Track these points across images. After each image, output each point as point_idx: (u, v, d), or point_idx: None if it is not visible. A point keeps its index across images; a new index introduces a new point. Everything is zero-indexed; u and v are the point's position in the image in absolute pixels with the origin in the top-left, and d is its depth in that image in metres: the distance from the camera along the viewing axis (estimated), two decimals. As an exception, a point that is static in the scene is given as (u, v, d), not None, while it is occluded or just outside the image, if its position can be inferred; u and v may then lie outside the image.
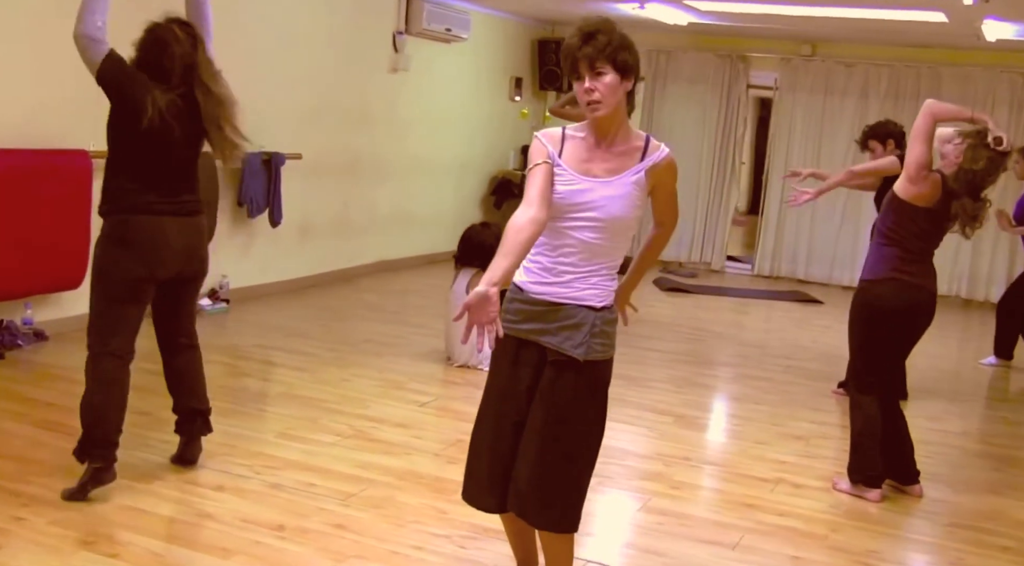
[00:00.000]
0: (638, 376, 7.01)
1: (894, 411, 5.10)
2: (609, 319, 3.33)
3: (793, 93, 11.75)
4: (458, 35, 10.34)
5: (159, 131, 4.03)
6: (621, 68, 3.17)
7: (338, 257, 9.56)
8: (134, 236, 4.14)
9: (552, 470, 3.30)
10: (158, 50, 4.13)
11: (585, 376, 3.29)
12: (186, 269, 4.34)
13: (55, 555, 3.72)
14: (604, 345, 3.32)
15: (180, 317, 4.53)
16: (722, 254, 12.28)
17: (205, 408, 4.62)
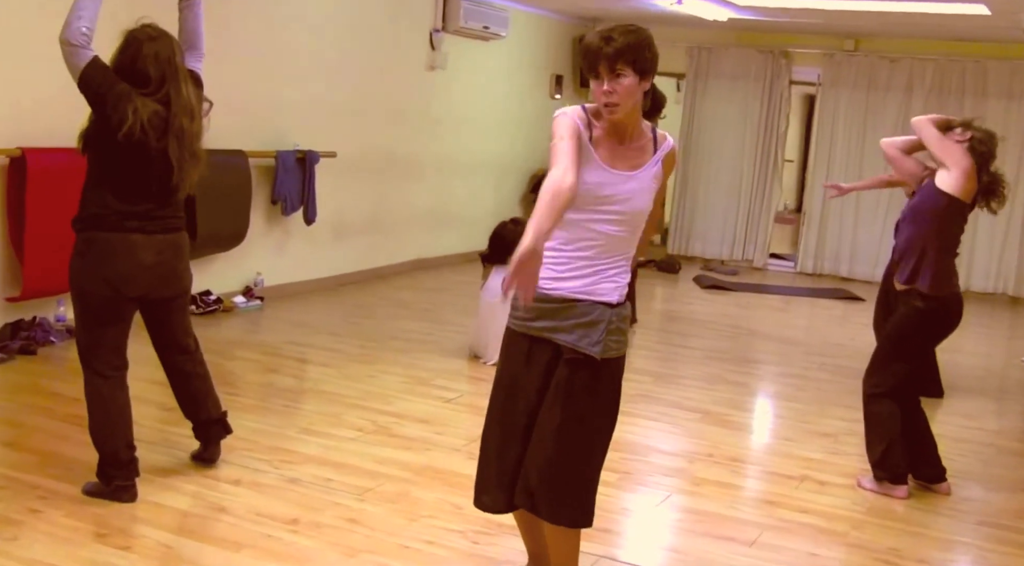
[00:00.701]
0: (669, 373, 6.96)
1: (915, 409, 5.00)
2: (624, 315, 3.29)
3: (836, 89, 11.60)
4: (496, 33, 10.33)
5: (137, 143, 3.95)
6: (641, 69, 3.11)
7: (374, 255, 9.59)
8: (98, 254, 4.05)
9: (568, 468, 3.26)
10: (132, 51, 4.04)
11: (601, 374, 3.24)
12: (161, 288, 4.23)
13: (68, 546, 3.76)
14: (619, 342, 3.27)
15: (170, 333, 4.41)
16: (764, 252, 12.15)
17: (216, 415, 4.59)
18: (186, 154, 4.07)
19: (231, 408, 5.38)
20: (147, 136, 3.96)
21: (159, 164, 4.04)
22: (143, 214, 4.06)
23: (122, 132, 3.91)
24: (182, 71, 4.10)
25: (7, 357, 6.02)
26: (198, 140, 4.15)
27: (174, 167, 4.06)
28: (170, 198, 4.16)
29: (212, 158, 7.21)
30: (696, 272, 11.44)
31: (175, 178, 4.09)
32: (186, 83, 4.10)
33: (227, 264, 7.88)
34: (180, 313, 4.42)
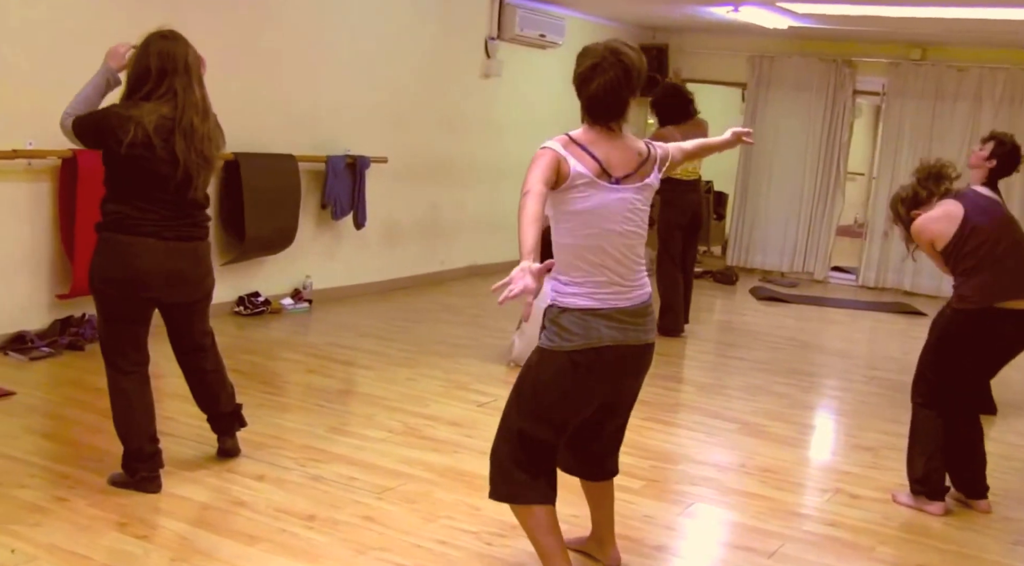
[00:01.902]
0: (712, 383, 6.89)
1: (971, 423, 4.87)
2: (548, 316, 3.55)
3: (902, 99, 11.40)
4: (553, 41, 10.32)
5: (143, 151, 3.99)
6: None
7: (427, 261, 9.64)
8: (112, 255, 4.12)
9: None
10: (143, 49, 4.09)
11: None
12: (176, 294, 4.28)
13: (88, 535, 3.83)
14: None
15: (187, 334, 4.47)
16: (825, 264, 11.97)
17: (229, 409, 4.65)
18: (193, 154, 4.07)
19: (268, 407, 5.49)
20: (152, 142, 3.99)
21: (168, 167, 4.05)
22: (159, 220, 4.10)
23: (123, 146, 3.97)
24: (194, 71, 4.12)
25: (55, 352, 6.15)
26: (209, 142, 4.14)
27: (181, 166, 4.06)
28: (186, 203, 4.16)
29: (262, 162, 7.47)
30: (754, 284, 11.31)
31: (181, 175, 4.07)
32: (199, 85, 4.13)
33: (277, 267, 7.98)
34: (198, 316, 4.47)
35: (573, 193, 3.35)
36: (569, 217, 3.39)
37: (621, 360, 3.50)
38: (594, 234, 3.38)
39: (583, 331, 3.40)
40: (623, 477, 4.78)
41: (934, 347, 4.81)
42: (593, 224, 3.38)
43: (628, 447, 5.19)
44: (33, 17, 6.10)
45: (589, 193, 3.35)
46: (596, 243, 3.39)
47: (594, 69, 3.39)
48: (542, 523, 3.53)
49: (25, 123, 6.05)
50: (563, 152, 3.35)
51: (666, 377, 7.01)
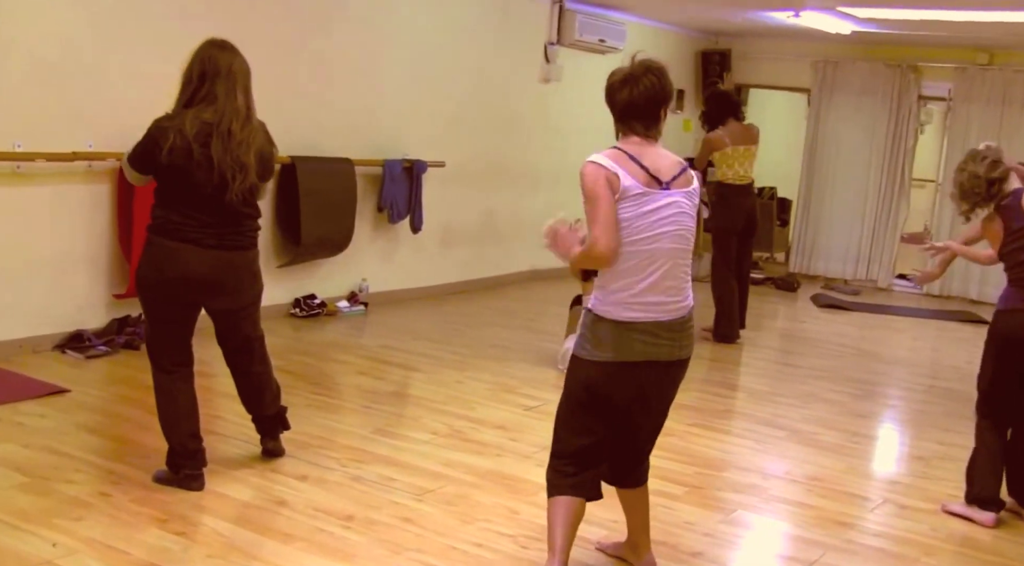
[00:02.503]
0: (764, 390, 6.82)
1: None
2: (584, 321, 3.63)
3: (968, 104, 11.20)
4: (613, 46, 10.29)
5: (182, 155, 4.05)
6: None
7: (484, 265, 9.66)
8: (154, 258, 4.19)
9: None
10: (194, 55, 4.16)
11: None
12: (217, 301, 4.32)
13: (127, 530, 3.89)
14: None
15: (232, 338, 4.51)
16: (890, 272, 11.79)
17: (272, 411, 4.68)
18: (229, 158, 4.08)
19: (316, 407, 5.54)
20: (191, 147, 4.04)
21: (205, 172, 4.08)
22: (200, 227, 4.14)
23: (163, 154, 4.05)
24: (239, 79, 4.15)
25: (112, 351, 6.26)
26: (248, 148, 4.14)
27: (216, 170, 4.08)
28: (229, 210, 4.17)
29: (318, 165, 7.55)
30: (816, 291, 11.17)
31: (216, 179, 4.09)
32: (243, 94, 4.16)
33: (333, 269, 8.04)
34: (246, 321, 4.50)
35: (624, 204, 3.36)
36: (624, 223, 3.38)
37: (650, 375, 3.53)
38: (644, 239, 3.39)
39: (615, 345, 3.44)
40: (665, 483, 4.80)
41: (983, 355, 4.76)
42: (643, 230, 3.38)
43: (673, 453, 5.22)
44: (93, 22, 6.22)
45: (641, 202, 3.37)
46: (646, 248, 3.39)
47: (628, 79, 3.45)
48: (558, 514, 3.57)
49: (84, 126, 6.18)
50: (613, 166, 3.37)
51: (718, 383, 6.96)
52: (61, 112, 6.11)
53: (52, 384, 5.53)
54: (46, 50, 6.00)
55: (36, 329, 6.16)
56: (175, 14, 6.57)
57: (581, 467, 3.59)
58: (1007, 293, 4.72)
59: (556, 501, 3.59)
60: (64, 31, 6.09)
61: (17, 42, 5.87)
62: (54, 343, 6.23)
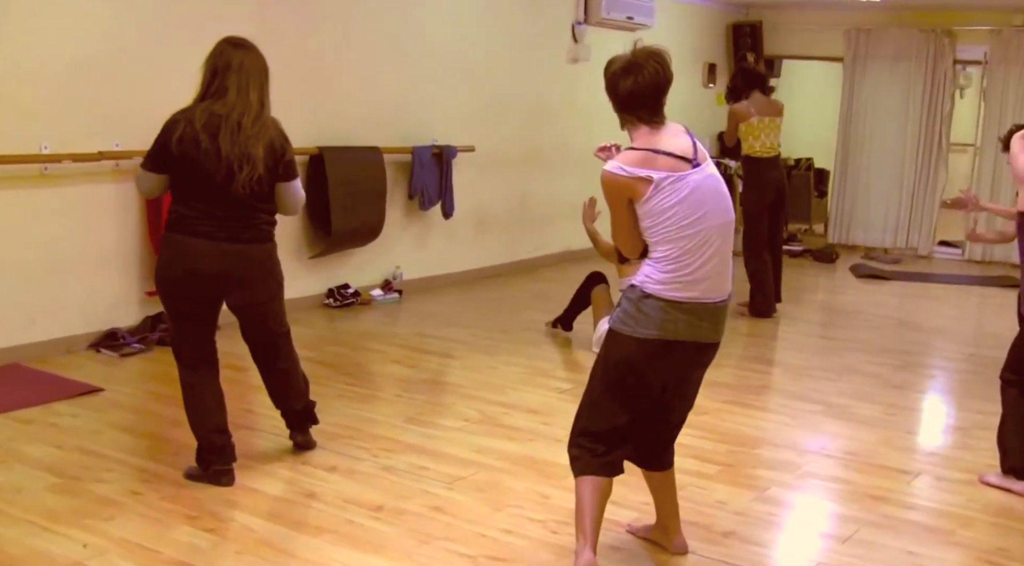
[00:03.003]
0: (800, 364, 6.75)
1: None
2: (625, 295, 3.60)
3: (1005, 66, 10.99)
4: (642, 23, 10.20)
5: (190, 146, 4.06)
6: (616, 108, 3.53)
7: (518, 248, 9.64)
8: (168, 253, 4.21)
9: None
10: (211, 52, 4.18)
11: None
12: (232, 296, 4.33)
13: (157, 527, 3.92)
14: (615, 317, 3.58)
15: (254, 334, 4.52)
16: (930, 239, 11.64)
17: (299, 407, 4.69)
18: (237, 150, 4.07)
19: (347, 397, 5.56)
20: (199, 138, 4.05)
21: (213, 163, 4.08)
22: (212, 220, 4.15)
23: (173, 144, 4.08)
24: (253, 76, 4.15)
25: (145, 348, 6.32)
26: (256, 141, 4.12)
27: (223, 161, 4.08)
28: (241, 204, 4.17)
29: (347, 155, 7.55)
30: (855, 262, 11.04)
31: (224, 171, 4.08)
32: (256, 90, 4.15)
33: (366, 258, 8.06)
34: (268, 317, 4.49)
35: (661, 196, 3.33)
36: (666, 214, 3.35)
37: (688, 355, 3.52)
38: (693, 221, 3.36)
39: (660, 322, 3.41)
40: (698, 462, 4.78)
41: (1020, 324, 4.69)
42: (690, 212, 3.36)
43: (706, 431, 5.19)
44: (119, 20, 6.26)
45: (677, 188, 3.34)
46: (697, 230, 3.37)
47: (631, 67, 3.42)
48: (589, 495, 3.54)
49: (111, 125, 6.22)
50: (634, 171, 3.34)
51: (753, 359, 6.90)
52: (87, 112, 6.15)
53: (86, 383, 5.59)
54: (69, 51, 6.04)
55: (70, 329, 6.23)
56: (200, 11, 6.59)
57: (612, 446, 3.57)
58: None
59: (586, 481, 3.55)
60: (87, 32, 6.13)
61: (40, 44, 5.91)
62: (88, 342, 6.30)
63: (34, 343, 6.04)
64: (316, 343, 6.75)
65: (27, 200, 5.96)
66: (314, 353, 6.46)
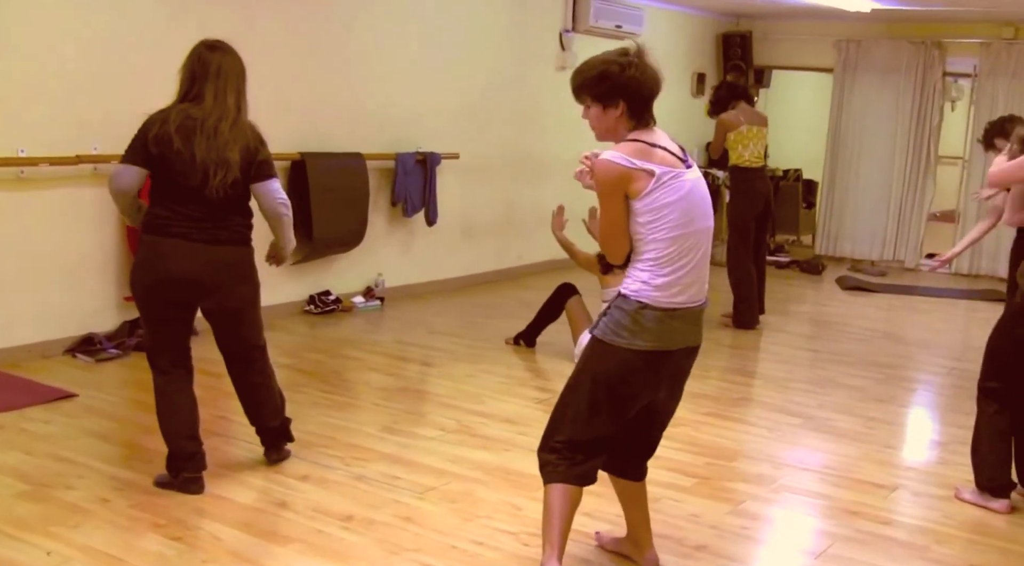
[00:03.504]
0: (781, 376, 6.72)
1: None
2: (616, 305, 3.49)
3: (994, 79, 10.99)
4: (630, 31, 10.17)
5: (165, 147, 4.05)
6: (597, 97, 3.37)
7: (504, 256, 9.60)
8: (144, 256, 4.19)
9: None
10: (188, 56, 4.16)
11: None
12: (206, 299, 4.29)
13: (125, 535, 3.88)
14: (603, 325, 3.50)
15: (228, 343, 4.47)
16: (917, 251, 11.61)
17: (274, 424, 4.63)
18: (213, 154, 4.05)
19: (323, 405, 5.52)
20: (172, 139, 4.03)
21: (187, 165, 4.06)
22: (188, 222, 4.12)
23: (150, 141, 4.06)
24: (231, 81, 4.13)
25: (122, 353, 6.28)
26: (234, 145, 4.10)
27: (198, 164, 4.06)
28: (216, 206, 4.14)
29: (329, 161, 7.52)
30: (840, 272, 11.03)
31: (199, 174, 4.07)
32: (233, 94, 4.13)
33: (348, 265, 8.02)
34: (242, 326, 4.44)
35: (661, 192, 3.28)
36: (664, 212, 3.30)
37: (680, 361, 3.50)
38: (687, 221, 3.33)
39: (658, 333, 3.36)
40: (674, 474, 4.75)
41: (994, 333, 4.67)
42: (686, 212, 3.33)
43: (684, 443, 5.16)
44: (98, 24, 6.22)
45: (676, 186, 3.30)
46: (691, 231, 3.34)
47: (629, 67, 3.36)
48: (561, 504, 3.47)
49: (89, 129, 6.17)
50: (637, 163, 3.29)
51: (735, 370, 6.88)
52: (64, 116, 6.11)
53: (60, 389, 5.54)
54: (47, 54, 6.00)
55: (47, 333, 6.18)
56: (181, 15, 6.55)
57: (590, 455, 3.51)
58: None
59: (557, 489, 3.48)
60: (65, 35, 6.09)
61: (18, 47, 5.87)
62: (65, 347, 6.25)
63: (9, 348, 5.99)
64: (295, 350, 6.71)
65: (3, 204, 5.92)
66: (292, 360, 6.42)
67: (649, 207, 3.28)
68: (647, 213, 3.30)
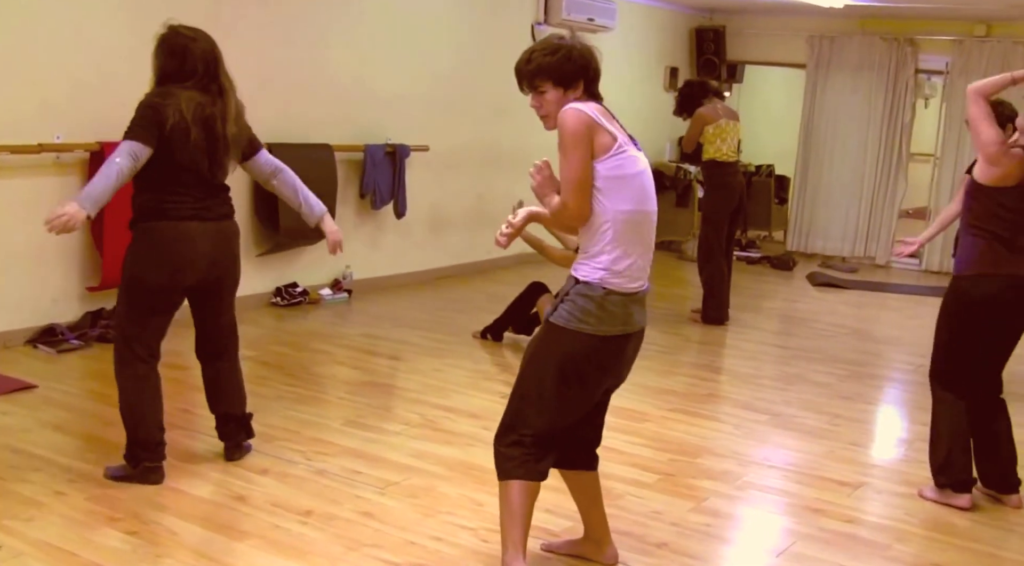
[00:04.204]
0: (748, 372, 6.71)
1: (992, 412, 4.66)
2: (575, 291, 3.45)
3: (966, 77, 10.95)
4: (603, 25, 10.15)
5: (181, 135, 4.07)
6: (560, 80, 3.32)
7: (474, 249, 9.55)
8: (158, 242, 4.15)
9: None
10: (180, 53, 4.14)
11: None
12: (214, 276, 4.32)
13: (79, 530, 3.82)
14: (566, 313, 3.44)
15: (211, 326, 4.48)
16: (888, 249, 11.64)
17: (240, 413, 4.59)
18: (223, 144, 4.19)
19: (286, 399, 5.48)
20: (189, 129, 4.07)
21: (200, 151, 4.13)
22: (196, 204, 4.18)
23: (167, 127, 4.05)
24: (221, 65, 4.22)
25: (85, 344, 6.20)
26: (239, 133, 4.27)
27: (208, 154, 4.16)
28: (216, 186, 4.26)
29: (296, 152, 7.43)
30: (810, 268, 11.04)
31: (211, 158, 4.19)
32: (225, 75, 4.22)
33: (316, 257, 7.95)
34: (222, 307, 4.46)
35: (623, 159, 3.28)
36: (623, 184, 3.29)
37: (636, 343, 3.50)
38: (644, 199, 3.34)
39: (624, 317, 3.36)
40: (636, 470, 4.73)
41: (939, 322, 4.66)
42: (643, 189, 3.34)
43: (647, 439, 5.15)
44: (61, 11, 6.13)
45: (634, 160, 3.32)
46: (644, 210, 3.34)
47: (579, 48, 3.37)
48: (523, 502, 3.43)
49: (52, 118, 6.10)
50: (604, 122, 3.29)
51: (702, 366, 6.87)
52: (27, 104, 6.02)
53: (19, 380, 5.47)
54: (10, 42, 5.91)
55: (7, 324, 6.10)
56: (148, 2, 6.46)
57: (551, 449, 3.48)
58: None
59: (519, 486, 3.42)
60: (27, 22, 6.00)
61: (-21, 33, 5.79)
62: (26, 338, 6.17)
63: (-31, 337, 5.92)
64: (259, 342, 6.65)
65: (-36, 191, 5.84)
66: (257, 352, 6.37)
67: (610, 172, 3.26)
68: (607, 180, 3.26)
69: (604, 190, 3.27)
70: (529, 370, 3.46)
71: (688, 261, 10.75)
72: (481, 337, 7.03)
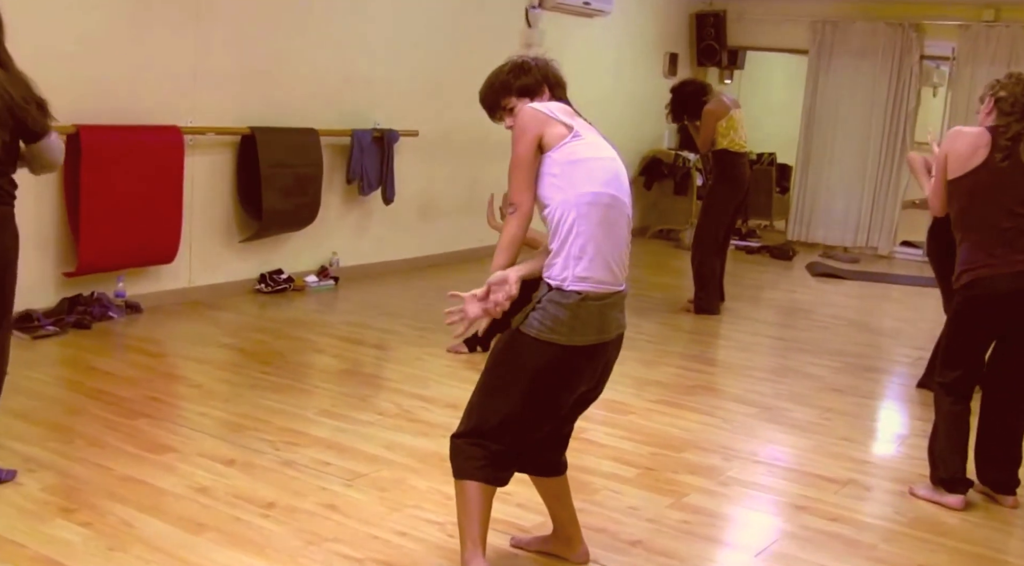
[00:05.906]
0: (741, 364, 6.55)
1: (1001, 408, 4.48)
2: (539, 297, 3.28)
3: (973, 64, 10.79)
4: (599, 9, 9.97)
5: None
6: (523, 91, 3.38)
7: (465, 236, 9.35)
8: None
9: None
10: None
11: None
12: None
13: (31, 521, 3.68)
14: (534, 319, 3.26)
15: None
16: (891, 239, 11.45)
17: None
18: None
19: (260, 387, 5.34)
20: None
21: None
22: None
23: None
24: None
25: (60, 331, 6.05)
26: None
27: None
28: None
29: (281, 137, 7.29)
30: (811, 258, 10.85)
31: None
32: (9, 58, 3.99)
33: (302, 243, 7.80)
34: (6, 289, 4.20)
35: (578, 142, 3.19)
36: (578, 167, 3.17)
37: (614, 348, 3.34)
38: (606, 181, 3.19)
39: (600, 325, 3.19)
40: (616, 464, 4.58)
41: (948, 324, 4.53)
42: (605, 170, 3.21)
43: (629, 431, 4.99)
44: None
45: (595, 142, 3.24)
46: (607, 192, 3.18)
47: (535, 59, 3.46)
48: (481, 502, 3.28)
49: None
50: (560, 116, 3.23)
51: (692, 357, 6.69)
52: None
53: (-13, 366, 5.32)
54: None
55: (-20, 309, 5.95)
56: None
57: (513, 460, 3.35)
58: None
59: (479, 487, 3.28)
60: None
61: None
62: None
63: (-61, 322, 5.76)
64: (238, 330, 6.51)
65: (-66, 172, 5.68)
66: (234, 340, 6.23)
67: (564, 158, 3.16)
68: (562, 165, 3.16)
69: (561, 176, 3.15)
70: (495, 379, 3.28)
71: (685, 250, 10.56)
72: (470, 350, 6.37)
